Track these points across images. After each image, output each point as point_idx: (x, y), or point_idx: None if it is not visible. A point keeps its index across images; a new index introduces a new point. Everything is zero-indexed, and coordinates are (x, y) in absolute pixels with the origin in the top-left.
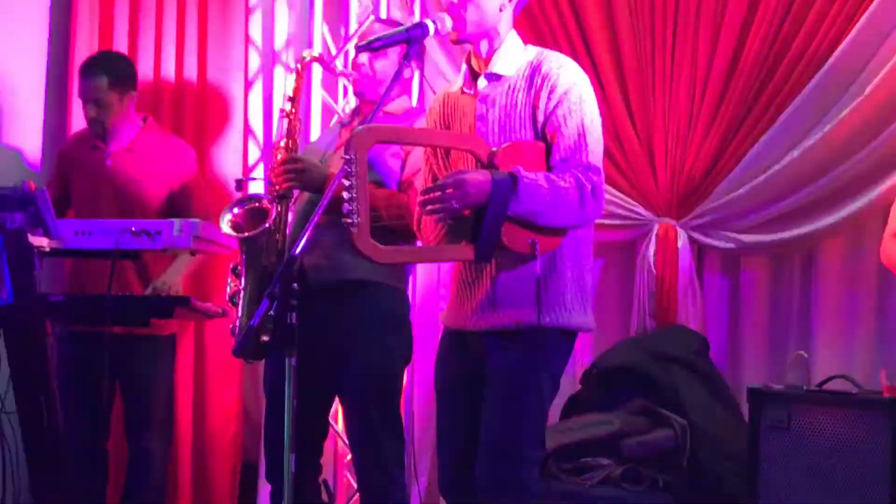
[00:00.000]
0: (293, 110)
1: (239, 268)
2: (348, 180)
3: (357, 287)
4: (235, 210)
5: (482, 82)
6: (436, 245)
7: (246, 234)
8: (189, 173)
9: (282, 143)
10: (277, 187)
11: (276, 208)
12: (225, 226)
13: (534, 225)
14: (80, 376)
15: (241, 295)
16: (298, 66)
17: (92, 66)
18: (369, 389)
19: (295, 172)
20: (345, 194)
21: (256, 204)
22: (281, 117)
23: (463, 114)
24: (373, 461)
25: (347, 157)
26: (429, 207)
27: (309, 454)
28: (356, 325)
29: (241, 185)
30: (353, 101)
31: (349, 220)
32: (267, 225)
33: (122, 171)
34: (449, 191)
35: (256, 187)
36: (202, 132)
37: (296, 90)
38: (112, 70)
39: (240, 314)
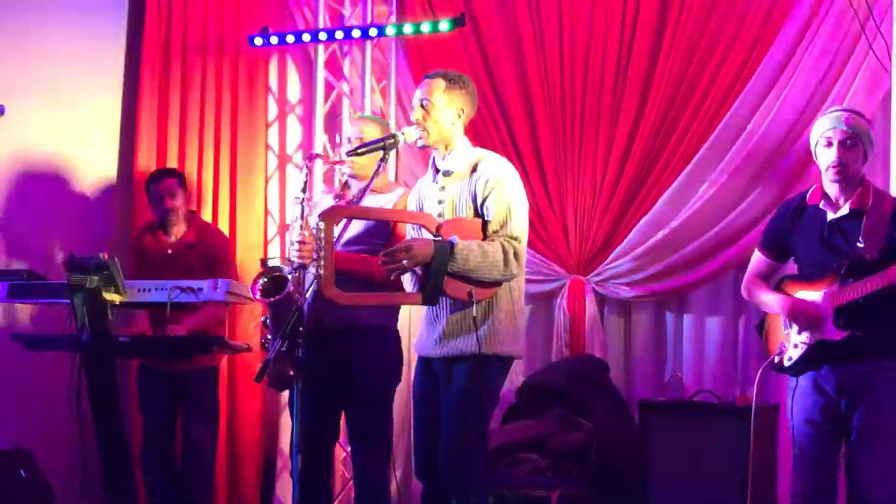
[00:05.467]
0: (306, 197)
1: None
2: (318, 244)
3: (362, 330)
4: (263, 279)
5: (441, 176)
6: (391, 292)
7: (272, 299)
8: (225, 256)
9: (300, 224)
10: (298, 258)
11: (296, 275)
12: (256, 294)
13: (471, 279)
14: (159, 397)
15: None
16: (308, 164)
17: (165, 172)
18: (367, 406)
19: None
20: (314, 255)
21: (278, 273)
22: (295, 203)
23: (430, 197)
24: (366, 459)
25: (319, 227)
26: (387, 266)
27: (323, 454)
28: (360, 358)
29: (265, 263)
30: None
31: (317, 273)
32: (286, 291)
33: (178, 254)
34: (400, 254)
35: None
36: (233, 213)
37: (306, 183)
38: (177, 174)
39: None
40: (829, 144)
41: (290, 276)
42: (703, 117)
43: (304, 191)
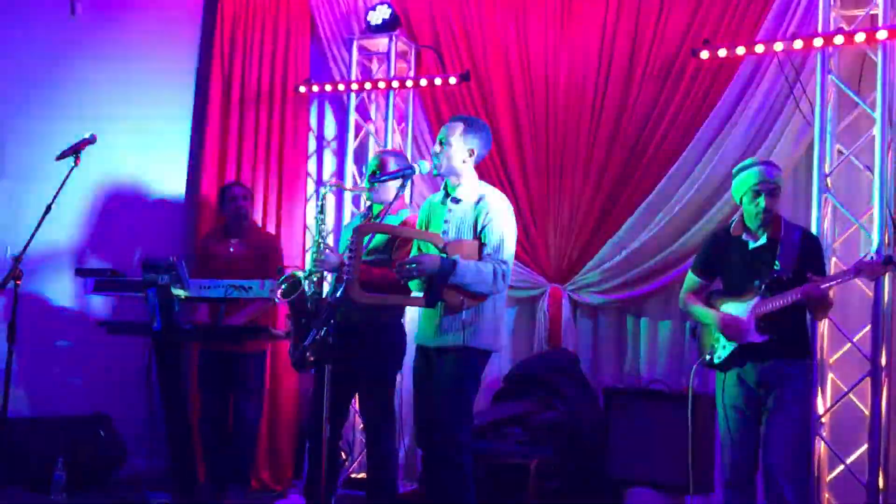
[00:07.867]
0: (322, 217)
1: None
2: (350, 253)
3: (376, 326)
4: (284, 285)
5: (451, 202)
6: (404, 295)
7: (290, 298)
8: (273, 253)
9: (318, 240)
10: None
11: (312, 279)
12: (278, 294)
13: (465, 291)
14: (215, 376)
15: (291, 332)
16: (325, 190)
17: (238, 184)
18: (375, 385)
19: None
20: (346, 259)
21: (293, 279)
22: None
23: (438, 215)
24: (375, 427)
25: (352, 239)
26: (400, 275)
27: (337, 424)
28: (373, 347)
29: (281, 270)
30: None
31: (346, 276)
32: (300, 291)
33: (239, 255)
34: (412, 266)
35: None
36: (279, 228)
37: (323, 207)
38: (248, 188)
39: (291, 344)
40: (758, 194)
41: (303, 280)
42: (659, 161)
43: (321, 212)
